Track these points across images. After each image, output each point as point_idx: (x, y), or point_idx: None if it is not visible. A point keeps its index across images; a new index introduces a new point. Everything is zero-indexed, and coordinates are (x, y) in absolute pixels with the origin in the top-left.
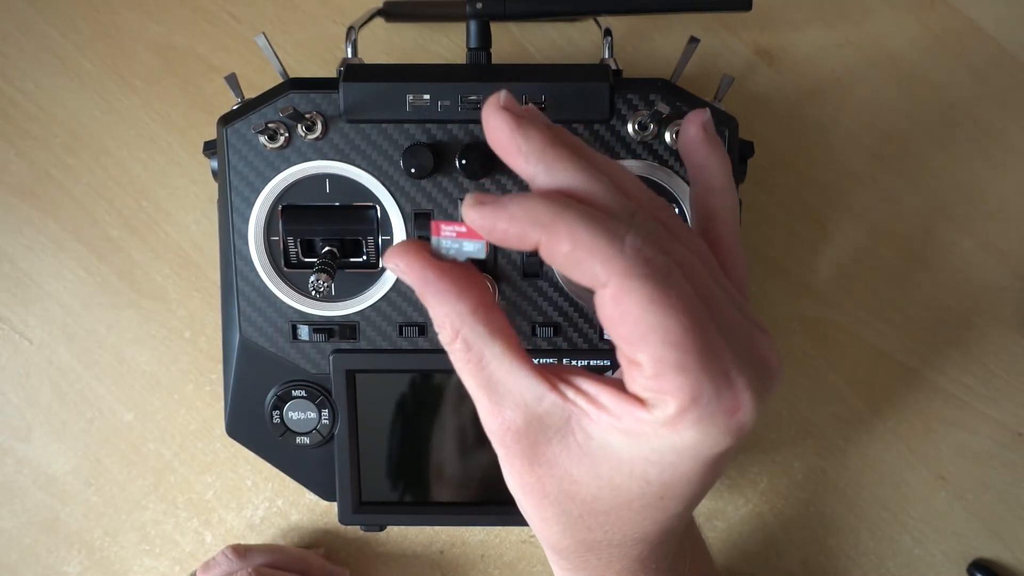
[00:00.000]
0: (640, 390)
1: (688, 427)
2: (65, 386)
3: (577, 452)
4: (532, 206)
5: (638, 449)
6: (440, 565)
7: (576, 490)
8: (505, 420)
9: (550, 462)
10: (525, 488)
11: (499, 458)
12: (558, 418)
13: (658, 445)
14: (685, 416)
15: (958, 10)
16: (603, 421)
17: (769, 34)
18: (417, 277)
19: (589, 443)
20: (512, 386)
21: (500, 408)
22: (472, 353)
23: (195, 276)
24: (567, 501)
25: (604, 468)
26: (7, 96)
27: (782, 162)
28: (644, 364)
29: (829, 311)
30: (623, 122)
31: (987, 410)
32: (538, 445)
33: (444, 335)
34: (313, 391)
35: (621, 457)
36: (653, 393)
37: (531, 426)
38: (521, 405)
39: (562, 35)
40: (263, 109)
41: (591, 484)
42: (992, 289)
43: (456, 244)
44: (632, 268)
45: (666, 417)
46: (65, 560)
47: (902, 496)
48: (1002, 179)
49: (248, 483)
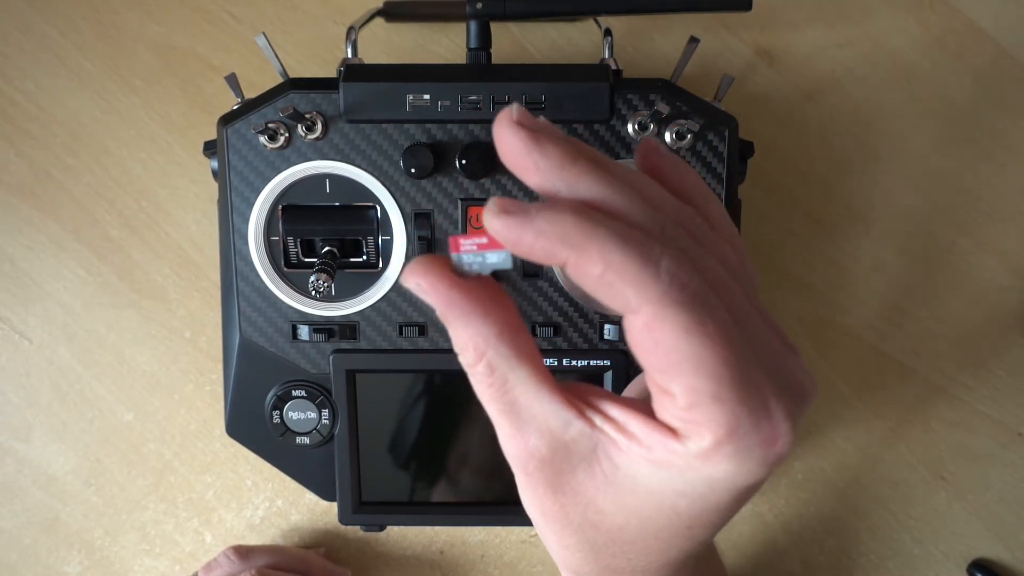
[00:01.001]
0: (672, 420)
1: (723, 460)
2: (65, 386)
3: (603, 482)
4: (561, 222)
5: (669, 481)
6: (440, 565)
7: (601, 520)
8: (528, 447)
9: (575, 491)
10: (547, 516)
11: (519, 483)
12: (584, 446)
13: (691, 477)
14: (721, 449)
15: (958, 10)
16: (632, 451)
17: (769, 34)
18: (441, 298)
19: (616, 473)
20: (537, 412)
21: (523, 435)
22: (496, 377)
23: (195, 276)
24: (591, 530)
25: (631, 500)
26: (7, 96)
27: (782, 162)
28: (678, 395)
29: (829, 311)
30: (623, 122)
31: (987, 410)
32: (562, 473)
33: (466, 357)
34: (313, 391)
35: (650, 489)
36: (686, 424)
37: (556, 454)
38: (546, 432)
39: (562, 35)
40: (263, 109)
41: (617, 515)
42: (992, 289)
43: (479, 257)
44: (667, 295)
45: (700, 450)
46: (65, 560)
47: (902, 496)
48: (1002, 179)
49: (248, 483)
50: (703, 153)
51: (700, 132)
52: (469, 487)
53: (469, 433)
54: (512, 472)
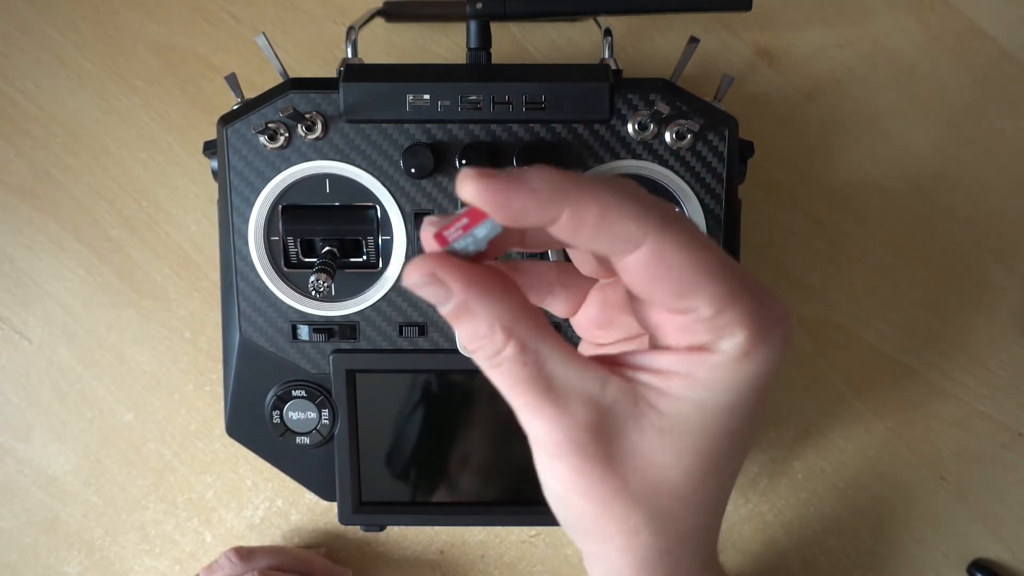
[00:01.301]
0: (699, 336)
1: (758, 350)
2: (65, 386)
3: (655, 435)
4: (552, 178)
5: (716, 402)
6: (440, 565)
7: (662, 478)
8: (578, 421)
9: (630, 454)
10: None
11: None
12: (626, 404)
13: (735, 385)
14: (755, 340)
15: (958, 10)
16: (673, 389)
17: (769, 34)
18: (460, 282)
19: (664, 420)
20: (575, 381)
21: (567, 410)
22: (529, 354)
23: (195, 276)
24: (654, 496)
25: (687, 441)
26: (7, 96)
27: (782, 162)
28: (701, 307)
29: (829, 311)
30: (623, 122)
31: (987, 410)
32: (613, 441)
33: (493, 341)
34: (313, 391)
35: (702, 421)
36: (716, 332)
37: (603, 420)
38: (588, 400)
39: (562, 35)
40: (263, 109)
41: (676, 465)
42: (992, 289)
43: (469, 237)
44: (666, 220)
45: (737, 348)
46: (65, 560)
47: (902, 496)
48: (1002, 179)
49: (248, 483)
50: (703, 153)
51: (700, 132)
52: (469, 487)
53: (469, 433)
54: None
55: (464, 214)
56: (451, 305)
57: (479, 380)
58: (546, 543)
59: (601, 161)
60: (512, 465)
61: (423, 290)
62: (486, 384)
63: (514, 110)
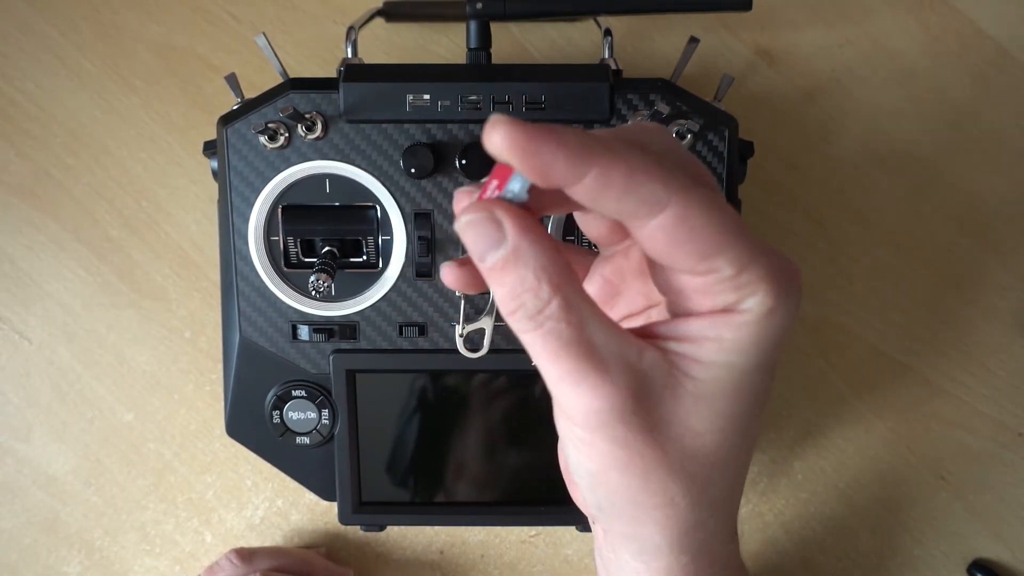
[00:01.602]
0: (724, 298)
1: (783, 305)
2: (65, 386)
3: (691, 402)
4: (581, 135)
5: (746, 363)
6: (440, 565)
7: (699, 445)
8: (619, 388)
9: (668, 422)
10: (648, 471)
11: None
12: (661, 372)
13: (763, 345)
14: (779, 295)
15: (958, 10)
16: (704, 354)
17: (769, 34)
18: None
19: (699, 386)
20: (615, 347)
21: (609, 376)
22: (573, 314)
23: (195, 276)
24: (691, 463)
25: (722, 405)
26: (7, 96)
27: (782, 162)
28: (724, 267)
29: (829, 311)
30: (623, 122)
31: (987, 410)
32: (652, 409)
33: (536, 298)
34: (313, 391)
35: (735, 383)
36: (740, 291)
37: (642, 387)
38: (628, 367)
39: (562, 35)
40: (263, 109)
41: (713, 432)
42: (992, 289)
43: (507, 194)
44: (689, 182)
45: (763, 306)
46: (65, 560)
47: (902, 496)
48: (1002, 179)
49: (248, 483)
50: (703, 153)
51: (700, 132)
52: (469, 487)
53: (469, 433)
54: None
55: (492, 176)
56: (502, 251)
57: (479, 380)
58: (546, 543)
59: None
60: (512, 465)
61: (477, 228)
62: (486, 384)
63: (514, 110)
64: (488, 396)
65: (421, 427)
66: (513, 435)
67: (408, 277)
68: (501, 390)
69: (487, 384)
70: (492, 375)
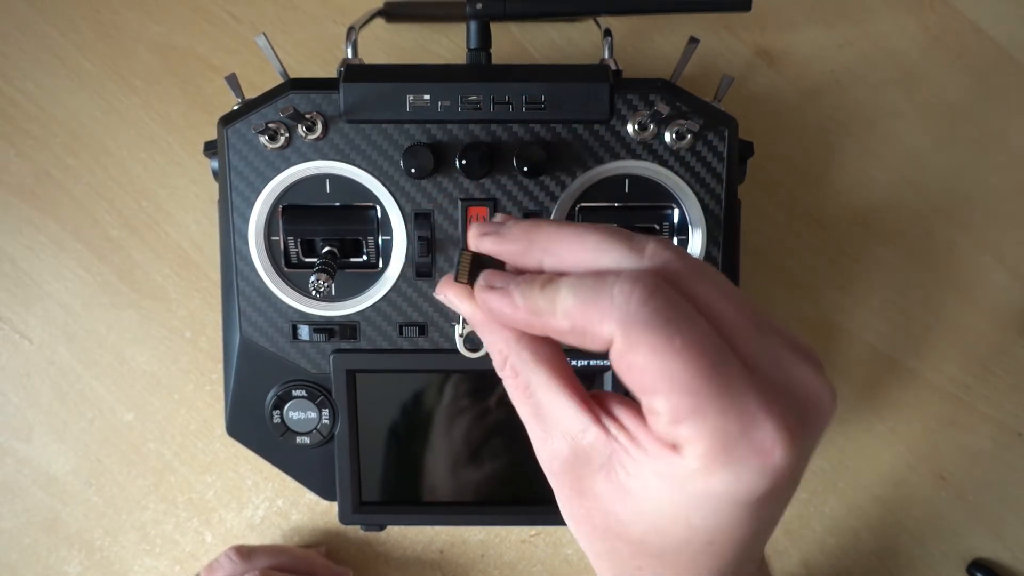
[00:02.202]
0: (666, 437)
1: (717, 472)
2: (65, 386)
3: (620, 490)
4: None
5: (679, 492)
6: (440, 565)
7: (623, 529)
8: (553, 449)
9: (596, 496)
10: (576, 519)
11: (557, 492)
12: (602, 453)
13: (693, 491)
14: (712, 462)
15: (958, 10)
16: (642, 462)
17: (769, 34)
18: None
19: (630, 482)
20: (558, 416)
21: (549, 436)
22: (519, 380)
23: (195, 276)
24: (615, 539)
25: (647, 508)
26: (7, 96)
27: (782, 162)
28: (661, 413)
29: (829, 311)
30: (623, 122)
31: (987, 410)
32: (584, 478)
33: (496, 361)
34: (313, 391)
35: (662, 498)
36: (677, 440)
37: (577, 458)
38: (567, 435)
39: (562, 35)
40: (263, 109)
41: (637, 525)
42: (992, 289)
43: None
44: (627, 318)
45: (694, 463)
46: (65, 560)
47: (902, 496)
48: (1002, 179)
49: (248, 483)
50: (703, 153)
51: (700, 132)
52: (469, 487)
53: (469, 433)
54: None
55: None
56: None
57: (479, 380)
58: (546, 543)
59: (601, 161)
60: (512, 465)
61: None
62: (486, 384)
63: (514, 110)
64: (488, 396)
65: (421, 427)
66: (513, 435)
67: (408, 277)
68: (501, 390)
69: (487, 384)
70: (492, 375)
